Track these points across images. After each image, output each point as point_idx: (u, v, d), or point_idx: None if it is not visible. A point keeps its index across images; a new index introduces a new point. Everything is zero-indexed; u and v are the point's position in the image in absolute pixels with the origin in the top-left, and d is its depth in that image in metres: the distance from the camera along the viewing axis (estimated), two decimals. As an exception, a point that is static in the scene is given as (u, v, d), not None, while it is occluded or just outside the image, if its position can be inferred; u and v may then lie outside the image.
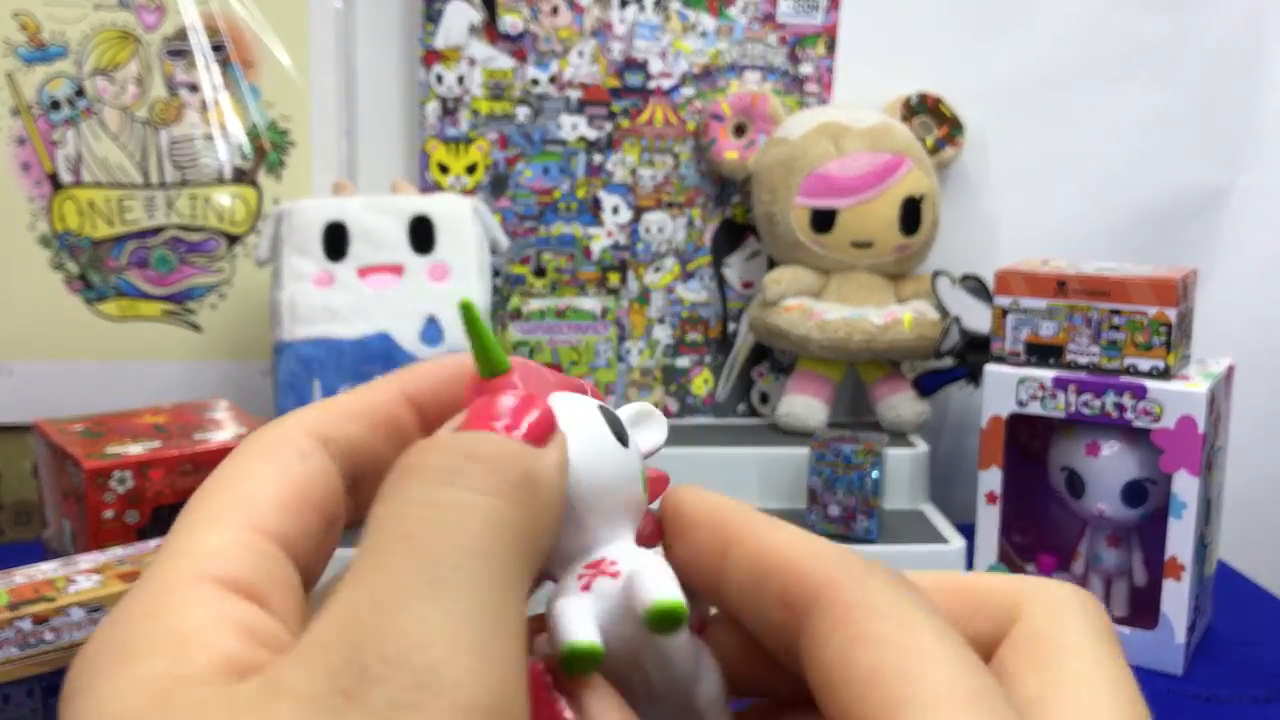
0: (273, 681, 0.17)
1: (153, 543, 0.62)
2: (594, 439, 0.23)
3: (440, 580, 0.18)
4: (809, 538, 0.22)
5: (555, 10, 0.98)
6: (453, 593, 0.18)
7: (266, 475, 0.22)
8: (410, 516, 0.19)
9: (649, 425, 0.26)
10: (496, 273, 0.99)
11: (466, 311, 0.23)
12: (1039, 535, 0.85)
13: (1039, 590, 0.22)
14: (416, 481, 0.20)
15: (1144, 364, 0.75)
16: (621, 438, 0.24)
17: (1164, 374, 0.75)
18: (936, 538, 0.86)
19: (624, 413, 0.26)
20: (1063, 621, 0.22)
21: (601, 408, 0.24)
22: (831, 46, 1.01)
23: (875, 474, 0.84)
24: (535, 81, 0.98)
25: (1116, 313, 0.76)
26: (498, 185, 0.99)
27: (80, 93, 0.93)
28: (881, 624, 0.20)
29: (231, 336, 0.98)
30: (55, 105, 0.93)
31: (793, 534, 0.23)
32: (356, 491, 0.24)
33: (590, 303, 0.99)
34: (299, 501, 0.22)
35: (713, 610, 0.25)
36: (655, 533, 0.25)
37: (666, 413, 1.02)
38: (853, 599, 0.20)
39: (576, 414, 0.24)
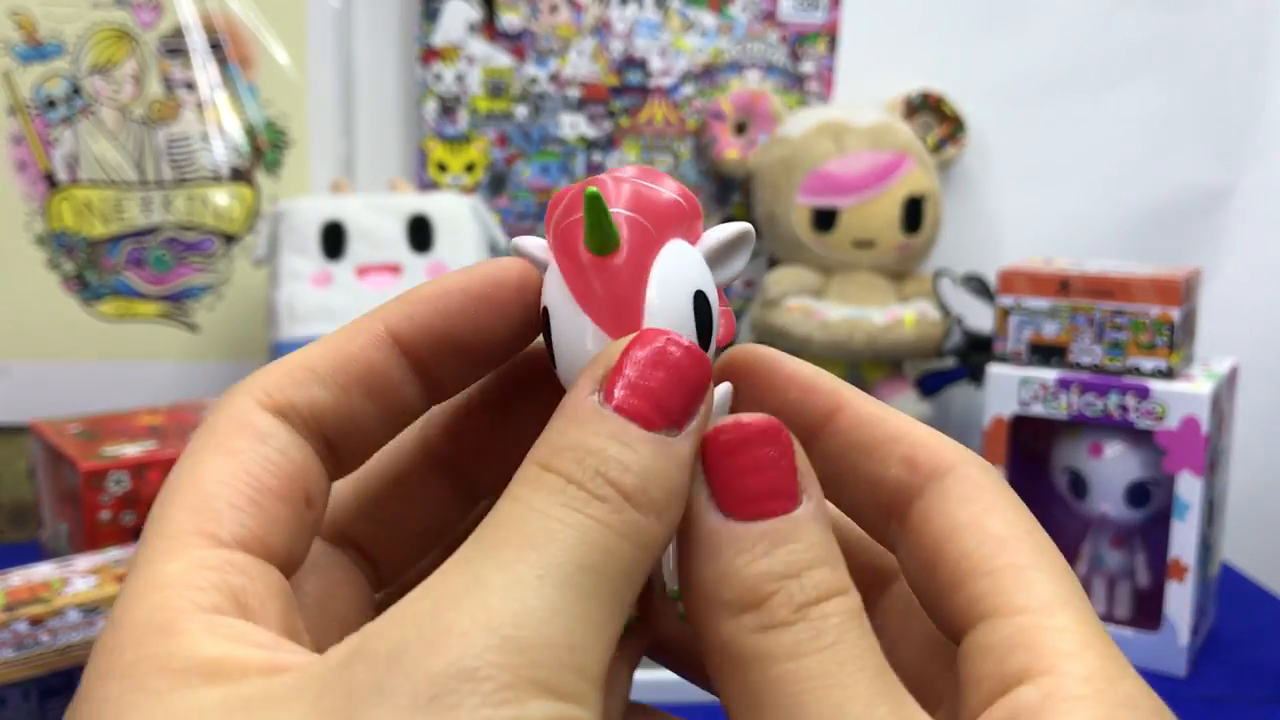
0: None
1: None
2: (677, 326, 0.22)
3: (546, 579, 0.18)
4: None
5: (555, 8, 0.97)
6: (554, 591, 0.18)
7: (219, 472, 0.20)
8: (529, 526, 0.18)
9: (735, 255, 0.24)
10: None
11: (593, 200, 0.21)
12: (1041, 536, 0.85)
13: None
14: (543, 493, 0.19)
15: (1147, 364, 0.75)
16: (705, 326, 0.22)
17: (1167, 374, 0.75)
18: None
19: (716, 237, 0.23)
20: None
21: (697, 272, 0.23)
22: (832, 45, 1.01)
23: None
24: (534, 80, 0.98)
25: (1120, 313, 0.75)
26: (497, 184, 0.99)
27: (77, 91, 0.93)
28: (1010, 507, 0.21)
29: (229, 336, 0.97)
30: (52, 104, 0.92)
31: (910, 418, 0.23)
32: (336, 455, 0.22)
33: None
34: (258, 494, 0.20)
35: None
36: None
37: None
38: (985, 480, 0.21)
39: (668, 290, 0.22)
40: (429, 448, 0.25)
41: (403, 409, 0.23)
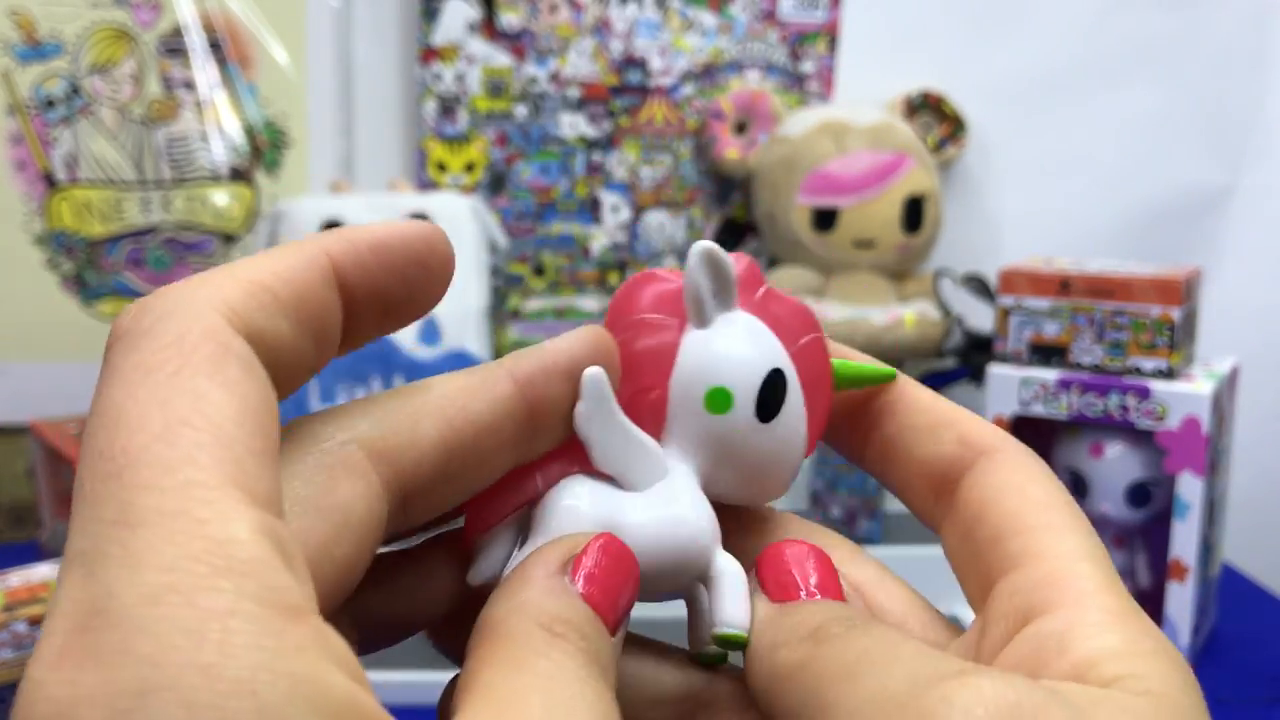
0: None
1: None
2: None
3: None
4: None
5: (555, 8, 0.97)
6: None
7: (227, 408, 0.17)
8: (508, 686, 0.19)
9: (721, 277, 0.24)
10: (495, 272, 0.99)
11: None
12: (1042, 536, 0.85)
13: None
14: (519, 648, 0.19)
15: (1148, 364, 0.75)
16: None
17: (1168, 374, 0.74)
18: (939, 540, 0.86)
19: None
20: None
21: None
22: (833, 44, 1.01)
23: (877, 475, 0.83)
24: (534, 79, 0.98)
25: (1120, 313, 0.75)
26: (496, 184, 0.99)
27: (76, 91, 0.93)
28: (1050, 480, 0.23)
29: (228, 336, 0.97)
30: (51, 103, 0.92)
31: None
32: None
33: (590, 302, 0.98)
34: (267, 442, 0.17)
35: None
36: None
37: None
38: (1029, 459, 0.24)
39: None
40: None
41: (322, 360, 0.20)
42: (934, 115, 1.00)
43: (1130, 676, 0.19)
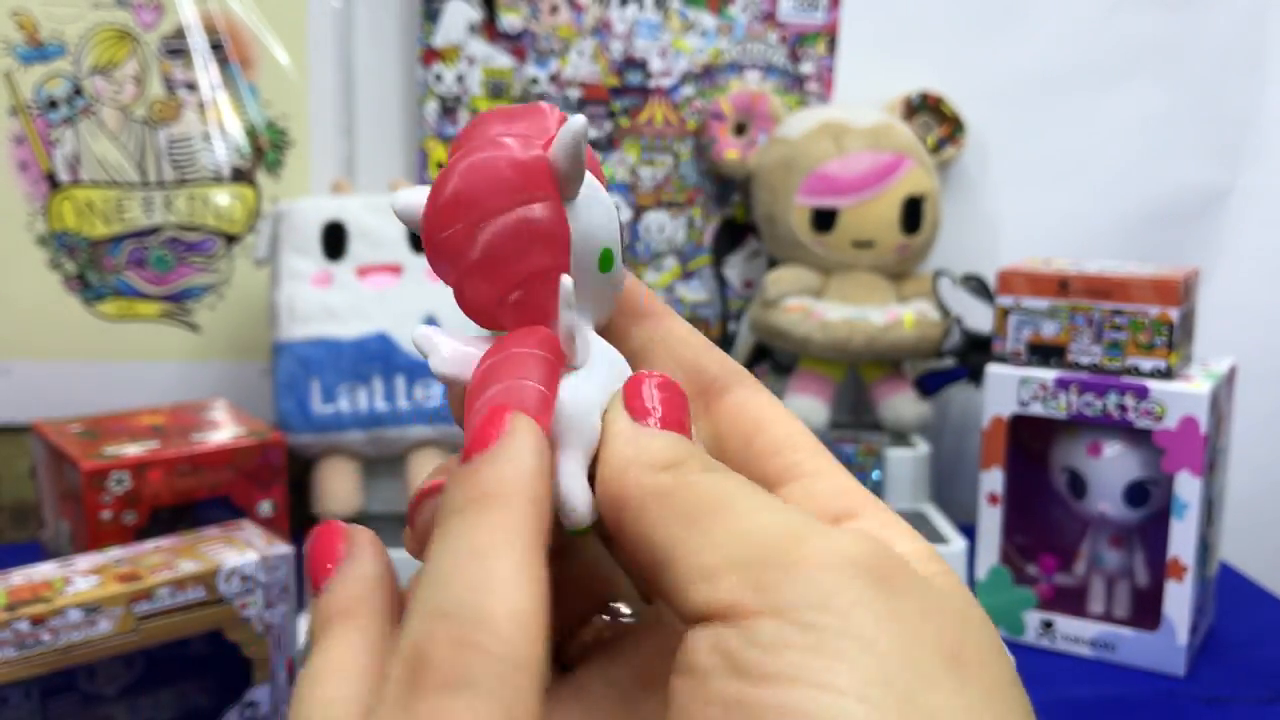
0: None
1: (149, 544, 0.62)
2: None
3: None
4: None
5: (555, 9, 0.97)
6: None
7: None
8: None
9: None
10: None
11: None
12: (1040, 536, 0.85)
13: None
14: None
15: (1146, 364, 0.75)
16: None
17: (1166, 374, 0.75)
18: (938, 538, 0.86)
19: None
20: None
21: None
22: (832, 45, 1.01)
23: (876, 474, 0.83)
24: (535, 80, 0.98)
25: (1119, 313, 0.76)
26: (497, 184, 0.99)
27: (78, 92, 0.93)
28: (791, 413, 0.28)
29: (230, 337, 0.97)
30: (53, 104, 0.93)
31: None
32: None
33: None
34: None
35: None
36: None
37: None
38: (772, 395, 0.28)
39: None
40: None
41: None
42: (933, 116, 1.00)
43: (938, 572, 0.24)
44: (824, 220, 0.94)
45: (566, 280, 0.24)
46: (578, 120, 0.24)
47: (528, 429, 0.23)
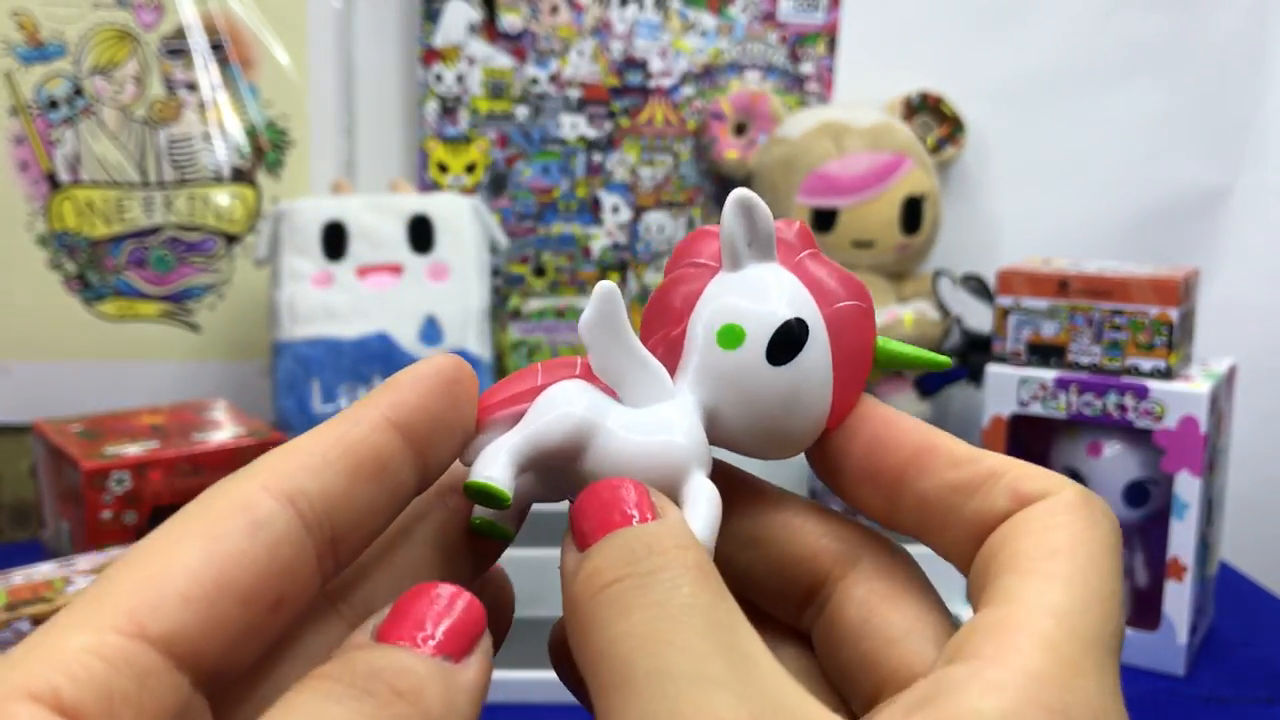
0: None
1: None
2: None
3: None
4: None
5: (555, 9, 0.97)
6: None
7: (188, 557, 0.19)
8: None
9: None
10: (496, 272, 0.99)
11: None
12: (1040, 536, 0.85)
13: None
14: (332, 703, 0.19)
15: (1146, 364, 0.75)
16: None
17: (1166, 374, 0.75)
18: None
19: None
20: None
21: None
22: (832, 45, 1.01)
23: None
24: (535, 80, 0.98)
25: (1118, 313, 0.76)
26: (497, 184, 0.99)
27: (78, 92, 0.93)
28: (1087, 528, 0.21)
29: (230, 337, 0.97)
30: (53, 104, 0.93)
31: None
32: (338, 548, 0.22)
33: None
34: (218, 591, 0.19)
35: None
36: None
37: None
38: (1076, 502, 0.22)
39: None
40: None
41: (403, 493, 0.23)
42: (933, 116, 1.00)
43: None
44: (824, 220, 0.94)
45: (603, 283, 0.23)
46: (739, 191, 0.24)
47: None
